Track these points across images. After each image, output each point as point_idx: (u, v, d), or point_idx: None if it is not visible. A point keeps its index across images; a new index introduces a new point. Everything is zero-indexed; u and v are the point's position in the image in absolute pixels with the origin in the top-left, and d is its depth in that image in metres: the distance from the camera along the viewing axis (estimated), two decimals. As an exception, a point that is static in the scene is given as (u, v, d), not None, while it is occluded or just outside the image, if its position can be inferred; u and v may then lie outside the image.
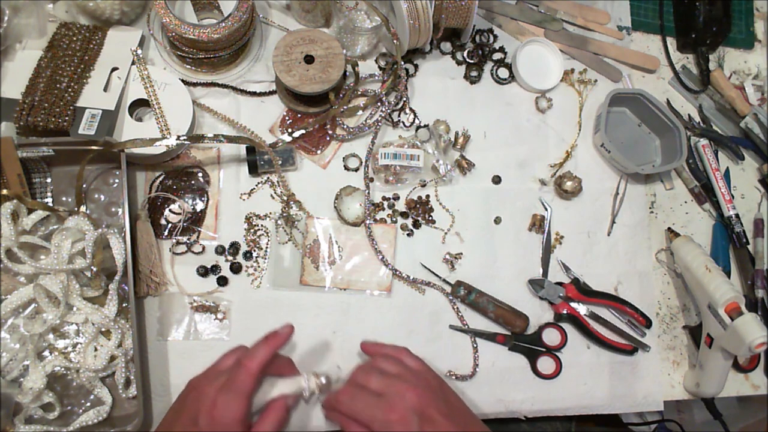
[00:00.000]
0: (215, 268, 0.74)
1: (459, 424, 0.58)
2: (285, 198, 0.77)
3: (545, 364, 0.78)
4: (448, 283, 0.78)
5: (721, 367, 0.76)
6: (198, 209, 0.75)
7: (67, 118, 0.70)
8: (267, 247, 0.76)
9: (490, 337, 0.77)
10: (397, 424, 0.55)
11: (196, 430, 0.55)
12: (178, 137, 0.71)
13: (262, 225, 0.76)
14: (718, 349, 0.75)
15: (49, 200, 0.72)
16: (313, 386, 0.61)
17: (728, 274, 0.86)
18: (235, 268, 0.74)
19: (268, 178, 0.78)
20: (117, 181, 0.74)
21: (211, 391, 0.57)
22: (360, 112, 0.81)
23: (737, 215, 0.86)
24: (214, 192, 0.76)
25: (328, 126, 0.80)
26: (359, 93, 0.82)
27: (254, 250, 0.75)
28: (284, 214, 0.77)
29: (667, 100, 0.92)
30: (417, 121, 0.83)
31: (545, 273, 0.81)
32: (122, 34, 0.76)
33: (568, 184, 0.82)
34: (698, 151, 0.89)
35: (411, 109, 0.83)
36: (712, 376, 0.77)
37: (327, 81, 0.74)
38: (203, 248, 0.74)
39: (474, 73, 0.86)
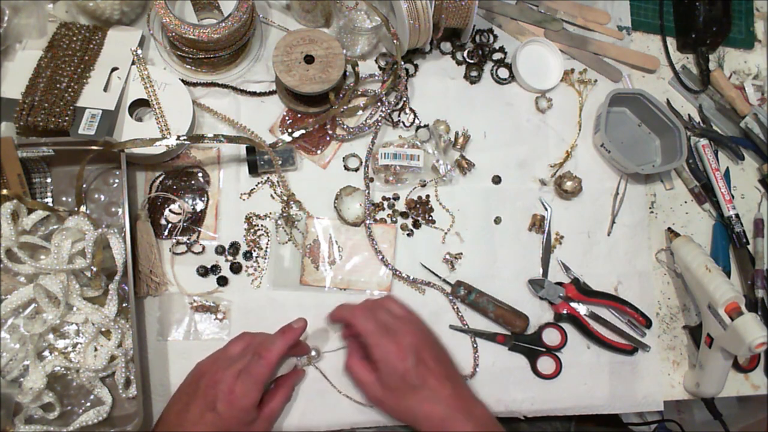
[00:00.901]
0: (215, 268, 0.74)
1: (446, 369, 0.65)
2: (285, 198, 0.77)
3: (545, 364, 0.78)
4: (448, 283, 0.78)
5: (721, 367, 0.76)
6: (198, 209, 0.75)
7: (67, 118, 0.70)
8: (267, 247, 0.76)
9: (490, 337, 0.77)
10: (395, 355, 0.63)
11: (213, 414, 0.60)
12: (178, 137, 0.71)
13: (262, 225, 0.76)
14: (718, 349, 0.75)
15: (49, 200, 0.72)
16: (305, 362, 0.71)
17: (728, 274, 0.86)
18: (235, 268, 0.74)
19: (268, 178, 0.78)
20: (117, 181, 0.74)
21: (228, 377, 0.61)
22: (360, 112, 0.81)
23: (737, 215, 0.86)
24: (214, 192, 0.76)
25: (328, 126, 0.80)
26: (359, 93, 0.82)
27: (254, 250, 0.75)
28: (284, 214, 0.77)
29: (667, 100, 0.92)
30: (417, 121, 0.83)
31: (545, 273, 0.81)
32: (122, 34, 0.76)
33: (568, 184, 0.82)
34: (698, 151, 0.89)
35: (411, 109, 0.83)
36: (712, 376, 0.77)
37: (327, 81, 0.74)
38: (203, 248, 0.74)
39: (474, 73, 0.86)
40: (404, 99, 0.83)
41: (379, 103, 0.82)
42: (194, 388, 0.63)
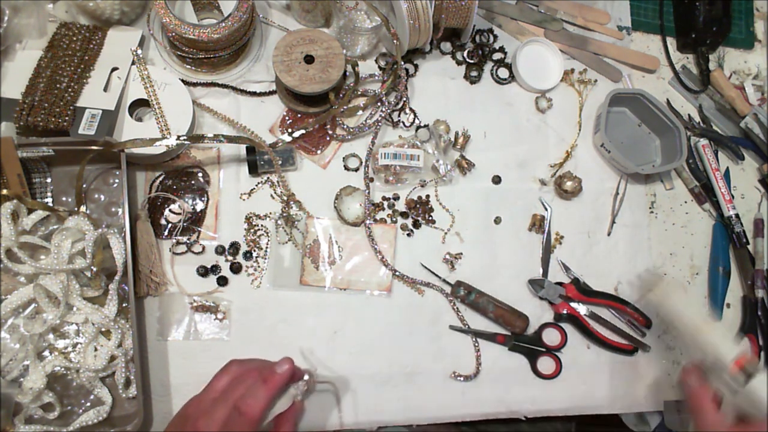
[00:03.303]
0: (215, 268, 0.74)
1: None
2: (285, 198, 0.77)
3: (545, 364, 0.78)
4: (448, 283, 0.78)
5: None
6: (198, 209, 0.75)
7: (67, 118, 0.70)
8: (267, 247, 0.76)
9: (490, 337, 0.77)
10: None
11: None
12: (178, 137, 0.71)
13: (262, 225, 0.76)
14: (729, 406, 0.62)
15: (49, 200, 0.72)
16: (303, 389, 0.62)
17: (728, 274, 0.86)
18: (235, 268, 0.74)
19: (268, 178, 0.78)
20: (117, 181, 0.74)
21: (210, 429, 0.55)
22: (360, 112, 0.81)
23: (737, 215, 0.86)
24: (214, 192, 0.76)
25: (328, 126, 0.80)
26: (359, 93, 0.82)
27: (254, 250, 0.75)
28: (284, 214, 0.77)
29: (667, 100, 0.92)
30: (417, 121, 0.83)
31: (545, 273, 0.81)
32: (122, 34, 0.76)
33: (568, 184, 0.82)
34: (698, 151, 0.89)
35: (411, 109, 0.83)
36: None
37: (327, 81, 0.74)
38: (203, 248, 0.74)
39: (474, 73, 0.86)
40: (404, 99, 0.83)
41: (379, 103, 0.82)
42: None
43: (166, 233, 0.74)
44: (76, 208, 0.71)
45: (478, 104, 0.86)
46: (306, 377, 0.63)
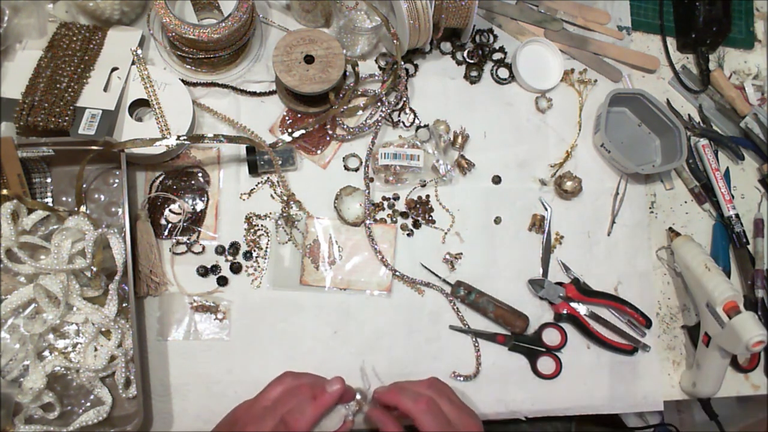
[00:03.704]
0: (215, 268, 0.74)
1: None
2: (285, 198, 0.77)
3: (545, 364, 0.78)
4: (448, 283, 0.78)
5: (718, 367, 0.76)
6: (198, 209, 0.75)
7: (67, 118, 0.70)
8: (267, 247, 0.76)
9: (490, 337, 0.77)
10: None
11: None
12: (178, 137, 0.71)
13: (262, 225, 0.76)
14: (715, 348, 0.75)
15: (49, 200, 0.72)
16: (354, 409, 0.61)
17: (728, 274, 0.86)
18: (235, 268, 0.74)
19: (268, 178, 0.78)
20: (117, 181, 0.74)
21: None
22: (360, 112, 0.81)
23: (737, 215, 0.86)
24: (214, 192, 0.76)
25: (328, 126, 0.80)
26: (359, 93, 0.82)
27: (254, 250, 0.75)
28: (284, 214, 0.77)
29: (667, 100, 0.92)
30: (417, 121, 0.83)
31: (545, 273, 0.81)
32: (122, 34, 0.76)
33: (568, 184, 0.82)
34: (698, 151, 0.89)
35: (411, 109, 0.83)
36: (709, 375, 0.77)
37: (327, 81, 0.74)
38: (203, 248, 0.74)
39: (474, 73, 0.86)
40: (404, 99, 0.83)
41: (379, 103, 0.82)
42: None
43: (166, 233, 0.74)
44: (76, 208, 0.71)
45: (478, 104, 0.86)
46: (357, 397, 0.63)
